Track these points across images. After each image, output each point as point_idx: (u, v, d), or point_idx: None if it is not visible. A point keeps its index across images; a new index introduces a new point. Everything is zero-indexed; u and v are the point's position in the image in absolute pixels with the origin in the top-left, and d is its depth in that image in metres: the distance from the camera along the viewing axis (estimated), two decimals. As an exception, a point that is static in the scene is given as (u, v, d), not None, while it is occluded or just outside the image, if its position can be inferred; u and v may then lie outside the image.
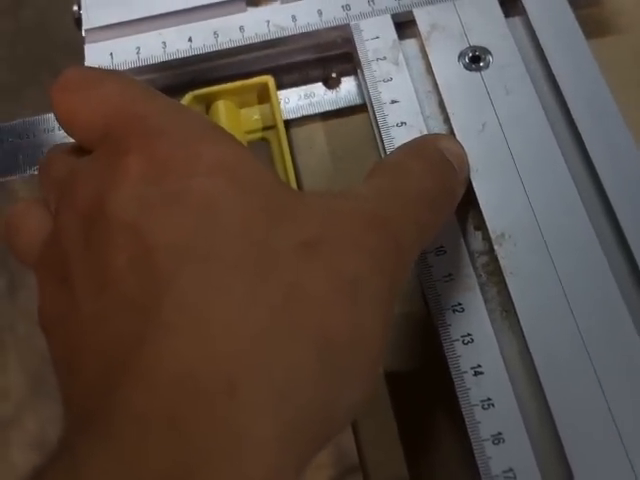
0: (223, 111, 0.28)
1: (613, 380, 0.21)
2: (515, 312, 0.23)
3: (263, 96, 0.29)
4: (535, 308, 0.22)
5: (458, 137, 0.26)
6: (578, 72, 0.27)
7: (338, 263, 0.17)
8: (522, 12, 0.29)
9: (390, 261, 0.18)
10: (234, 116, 0.28)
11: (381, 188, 0.20)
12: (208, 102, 0.29)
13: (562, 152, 0.25)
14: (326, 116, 0.30)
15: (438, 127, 0.27)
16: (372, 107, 0.27)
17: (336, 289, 0.17)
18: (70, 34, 0.31)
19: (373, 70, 0.28)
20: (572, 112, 0.26)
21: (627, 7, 0.30)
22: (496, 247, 0.24)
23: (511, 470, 0.20)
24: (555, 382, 0.21)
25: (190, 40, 0.29)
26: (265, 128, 0.29)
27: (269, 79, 0.29)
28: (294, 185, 0.27)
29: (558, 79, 0.27)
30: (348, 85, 0.30)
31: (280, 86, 0.29)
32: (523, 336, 0.22)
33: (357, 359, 0.17)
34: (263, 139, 0.29)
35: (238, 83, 0.28)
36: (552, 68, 0.27)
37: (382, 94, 0.27)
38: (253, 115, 0.29)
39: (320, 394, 0.16)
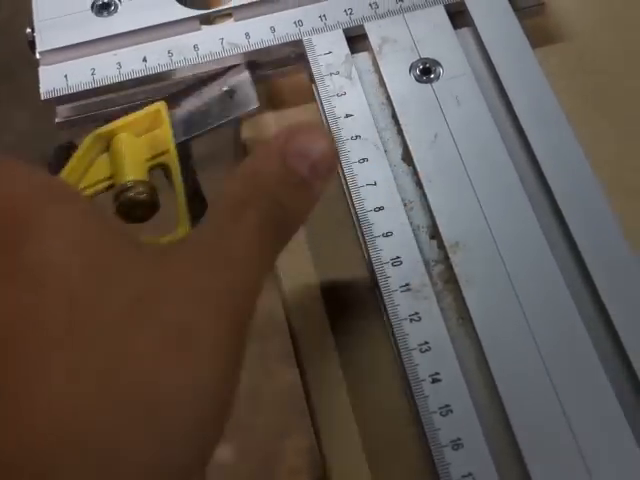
0: (123, 144, 0.27)
1: (567, 383, 0.22)
2: (471, 319, 0.23)
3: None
4: (490, 314, 0.23)
5: (411, 148, 0.26)
6: (525, 81, 0.28)
7: (166, 314, 0.16)
8: (470, 23, 0.29)
9: (228, 300, 0.17)
10: (134, 147, 0.27)
11: (220, 225, 0.19)
12: (110, 138, 0.27)
13: (512, 160, 0.26)
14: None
15: (392, 139, 0.27)
16: (327, 121, 0.27)
17: (164, 343, 0.16)
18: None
19: (327, 85, 0.28)
20: (520, 120, 0.27)
21: (571, 16, 0.31)
22: (451, 255, 0.24)
23: (470, 475, 0.20)
24: (511, 387, 0.22)
25: (145, 60, 0.29)
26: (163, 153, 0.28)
27: (161, 106, 0.28)
28: (183, 208, 0.26)
29: (506, 88, 0.28)
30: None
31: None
32: (479, 342, 0.23)
33: (187, 419, 0.16)
34: (162, 165, 0.27)
35: (132, 115, 0.28)
36: (500, 78, 0.28)
37: (336, 108, 0.27)
38: (153, 141, 0.28)
39: (148, 460, 0.15)
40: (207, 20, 0.31)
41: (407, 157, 0.27)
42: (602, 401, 0.21)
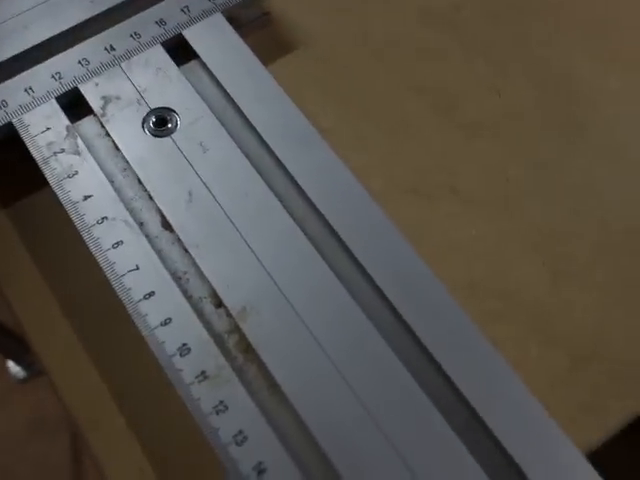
0: None
1: (397, 427, 0.20)
2: (279, 384, 0.21)
3: None
4: (297, 374, 0.21)
5: (166, 214, 0.24)
6: (264, 102, 0.26)
7: None
8: (194, 55, 0.27)
9: None
10: None
11: None
12: None
13: (277, 197, 0.24)
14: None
15: (145, 207, 0.24)
16: (65, 209, 0.24)
17: None
18: None
19: (53, 168, 0.24)
20: (272, 147, 0.25)
21: (299, 21, 0.29)
22: (240, 323, 0.22)
23: None
24: (343, 452, 0.20)
25: None
26: None
27: None
28: None
29: (248, 116, 0.25)
30: None
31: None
32: (295, 410, 0.21)
33: None
34: None
35: None
36: (240, 106, 0.26)
37: (71, 192, 0.24)
38: None
39: None
40: None
41: (166, 224, 0.24)
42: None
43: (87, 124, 0.26)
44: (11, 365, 0.53)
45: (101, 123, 0.26)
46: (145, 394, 0.23)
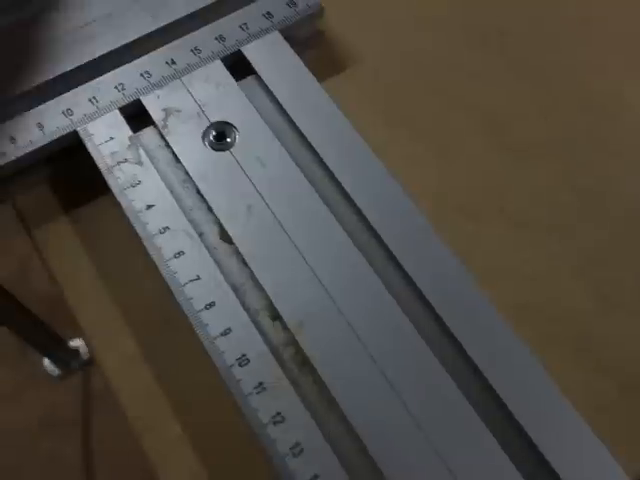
0: None
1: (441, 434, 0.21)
2: (336, 401, 0.22)
3: None
4: (352, 388, 0.22)
5: (226, 226, 0.24)
6: (319, 118, 0.26)
7: None
8: (252, 71, 0.28)
9: None
10: None
11: None
12: None
13: (332, 212, 0.24)
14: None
15: (204, 218, 0.25)
16: (128, 218, 0.25)
17: None
18: None
19: (116, 177, 0.25)
20: (328, 164, 0.25)
21: (352, 40, 0.30)
22: (297, 337, 0.22)
23: None
24: (400, 476, 0.20)
25: None
26: None
27: None
28: None
29: (304, 131, 0.26)
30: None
31: None
32: (351, 425, 0.21)
33: None
34: None
35: None
36: (295, 122, 0.26)
37: (134, 202, 0.25)
38: None
39: None
40: (-40, 129, 0.27)
41: (225, 236, 0.25)
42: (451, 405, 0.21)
43: (148, 135, 0.26)
44: (47, 363, 0.55)
45: (161, 134, 0.26)
46: (201, 401, 0.23)
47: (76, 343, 0.59)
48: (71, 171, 0.27)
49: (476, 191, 0.27)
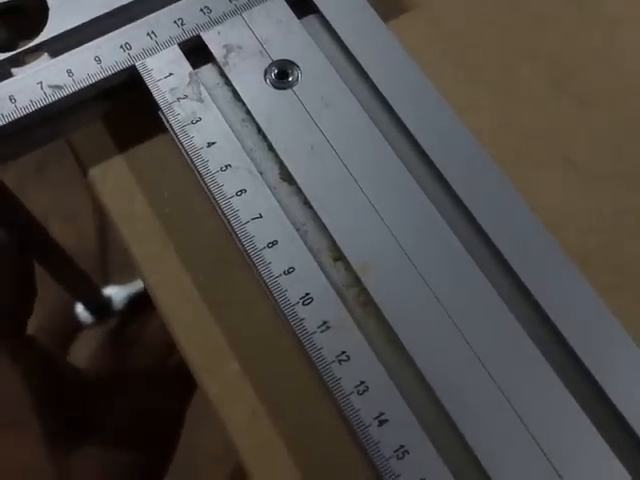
0: None
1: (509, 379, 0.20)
2: (400, 341, 0.21)
3: None
4: (417, 329, 0.21)
5: (288, 166, 0.24)
6: (386, 61, 0.26)
7: None
8: (314, 9, 0.27)
9: None
10: None
11: None
12: None
13: (395, 152, 0.24)
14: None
15: (264, 158, 0.24)
16: (187, 154, 0.24)
17: None
18: None
19: (177, 113, 0.25)
20: (392, 105, 0.25)
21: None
22: (362, 278, 0.22)
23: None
24: (464, 413, 0.20)
25: (-46, 126, 0.25)
26: None
27: None
28: None
29: (369, 72, 0.25)
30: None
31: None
32: (417, 367, 0.21)
33: None
34: None
35: None
36: (359, 62, 0.26)
37: (194, 138, 0.24)
38: None
39: None
40: (18, 61, 0.26)
41: (286, 175, 0.24)
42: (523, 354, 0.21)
43: (207, 72, 0.26)
44: (80, 310, 0.55)
45: (221, 72, 0.26)
46: (260, 340, 0.23)
47: (109, 292, 0.59)
48: (125, 110, 0.27)
49: (540, 138, 0.26)
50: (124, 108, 0.27)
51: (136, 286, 0.58)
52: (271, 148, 0.24)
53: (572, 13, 0.29)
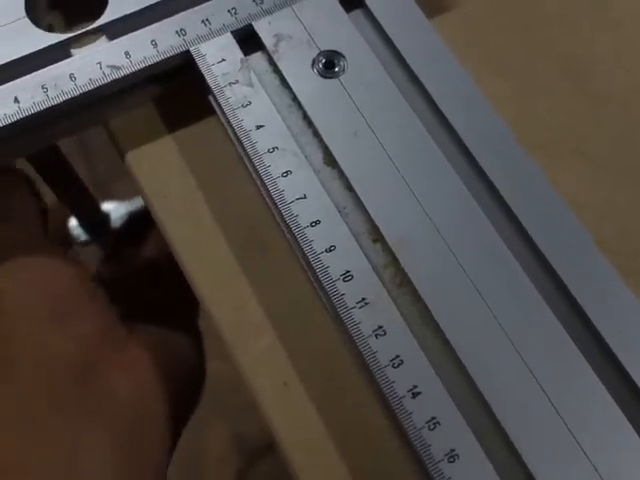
0: None
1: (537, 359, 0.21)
2: (434, 320, 0.22)
3: None
4: (451, 308, 0.22)
5: (332, 150, 0.25)
6: (428, 55, 0.27)
7: None
8: (361, 4, 0.28)
9: None
10: None
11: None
12: None
13: (435, 141, 0.25)
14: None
15: (309, 143, 0.26)
16: (236, 136, 0.25)
17: None
18: None
19: (228, 97, 0.26)
20: (434, 98, 0.26)
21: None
22: (398, 256, 0.23)
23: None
24: (492, 387, 0.21)
25: (17, 101, 0.26)
26: None
27: None
28: None
29: (412, 66, 0.27)
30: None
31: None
32: (450, 344, 0.22)
33: None
34: None
35: None
36: (403, 56, 0.27)
37: (244, 121, 0.25)
38: None
39: None
40: (77, 42, 0.28)
41: (329, 160, 0.25)
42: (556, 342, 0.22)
43: (257, 59, 0.27)
44: (73, 225, 0.47)
45: (270, 60, 0.27)
46: (292, 313, 0.24)
47: (108, 207, 0.50)
48: (175, 92, 0.28)
49: (557, 132, 0.28)
50: (174, 90, 0.28)
51: (136, 203, 0.50)
52: (316, 134, 0.26)
53: (587, 13, 0.30)
